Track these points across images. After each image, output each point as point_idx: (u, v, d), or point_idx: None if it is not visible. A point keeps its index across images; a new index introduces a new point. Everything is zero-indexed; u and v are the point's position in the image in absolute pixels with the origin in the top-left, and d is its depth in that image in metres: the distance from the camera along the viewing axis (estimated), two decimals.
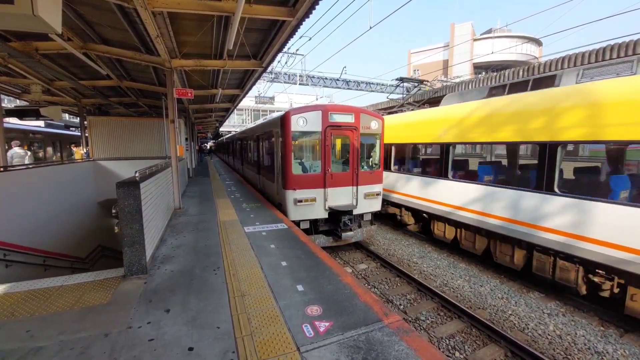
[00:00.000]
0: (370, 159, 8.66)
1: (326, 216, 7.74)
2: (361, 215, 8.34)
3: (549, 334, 4.97)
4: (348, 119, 7.70)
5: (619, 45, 8.13)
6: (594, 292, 5.46)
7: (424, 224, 9.65)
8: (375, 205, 8.44)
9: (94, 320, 3.12)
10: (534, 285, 6.49)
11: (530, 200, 6.03)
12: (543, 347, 4.69)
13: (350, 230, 7.77)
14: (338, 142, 8.25)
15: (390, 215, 10.88)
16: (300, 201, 7.32)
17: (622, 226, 4.76)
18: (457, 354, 4.60)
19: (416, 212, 9.55)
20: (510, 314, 5.52)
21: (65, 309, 3.33)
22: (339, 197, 7.75)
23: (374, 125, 8.11)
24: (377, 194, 8.33)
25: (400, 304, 5.92)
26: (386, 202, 10.50)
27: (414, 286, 6.54)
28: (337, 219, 7.77)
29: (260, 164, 11.14)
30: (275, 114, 9.80)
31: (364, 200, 8.06)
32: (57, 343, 2.76)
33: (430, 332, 5.08)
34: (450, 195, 7.86)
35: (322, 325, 3.02)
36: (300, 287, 3.81)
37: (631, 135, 4.61)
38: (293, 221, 7.12)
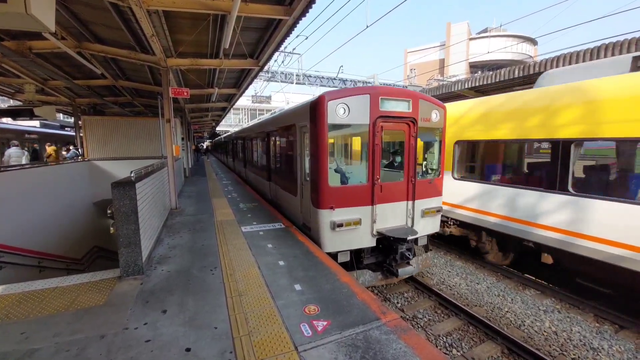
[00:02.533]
0: (425, 162, 6.69)
1: (373, 244, 5.75)
2: (415, 239, 6.25)
3: (544, 331, 5.01)
4: (404, 107, 5.69)
5: (614, 44, 8.19)
6: None
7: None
8: (434, 226, 6.47)
9: (89, 322, 3.09)
10: (530, 283, 6.54)
11: None
12: (539, 343, 4.72)
13: (409, 263, 5.85)
14: (388, 140, 6.33)
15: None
16: (341, 225, 5.30)
17: None
18: (454, 351, 4.62)
19: None
20: (507, 311, 5.56)
21: (60, 311, 3.30)
22: (390, 216, 5.80)
23: (435, 116, 6.08)
24: (437, 211, 6.36)
25: (397, 302, 5.93)
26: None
27: (411, 285, 6.56)
28: (388, 247, 5.90)
29: (272, 169, 8.90)
30: (293, 104, 7.74)
31: (421, 219, 6.09)
32: (53, 345, 2.74)
33: (427, 330, 5.10)
34: None
35: (320, 325, 3.02)
36: (298, 287, 3.81)
37: None
38: (329, 253, 5.27)
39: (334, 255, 5.39)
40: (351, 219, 5.40)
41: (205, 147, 51.38)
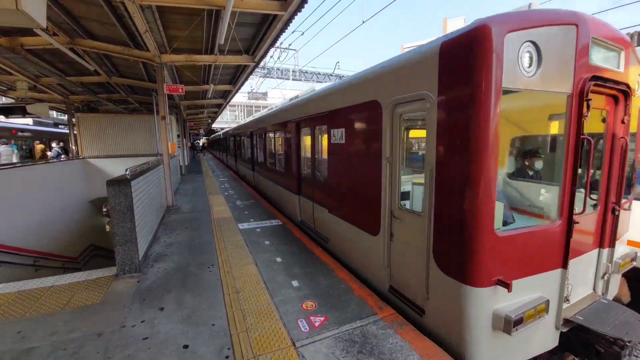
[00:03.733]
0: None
1: (555, 343, 2.96)
2: None
3: None
4: (613, 62, 3.02)
5: None
6: None
7: None
8: (616, 285, 3.75)
9: (86, 320, 3.08)
10: None
11: None
12: None
13: None
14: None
15: None
16: (520, 321, 2.46)
17: None
18: None
19: None
20: None
21: (57, 310, 3.29)
22: (573, 282, 3.03)
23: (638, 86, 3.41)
24: (632, 259, 3.66)
25: None
26: None
27: None
28: (576, 343, 3.14)
29: (304, 179, 6.18)
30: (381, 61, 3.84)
31: (613, 277, 3.53)
32: (50, 344, 2.73)
33: None
34: None
35: (318, 320, 3.04)
36: (295, 283, 3.82)
37: None
38: None
39: None
40: (535, 303, 2.60)
41: (201, 144, 51.14)
